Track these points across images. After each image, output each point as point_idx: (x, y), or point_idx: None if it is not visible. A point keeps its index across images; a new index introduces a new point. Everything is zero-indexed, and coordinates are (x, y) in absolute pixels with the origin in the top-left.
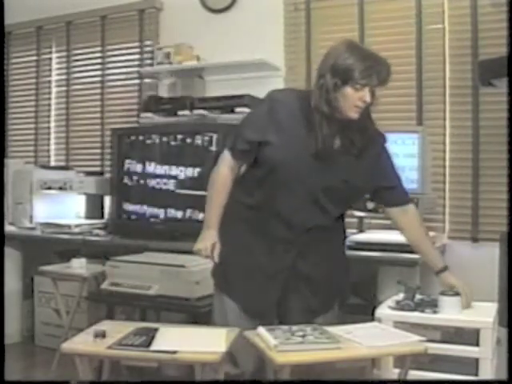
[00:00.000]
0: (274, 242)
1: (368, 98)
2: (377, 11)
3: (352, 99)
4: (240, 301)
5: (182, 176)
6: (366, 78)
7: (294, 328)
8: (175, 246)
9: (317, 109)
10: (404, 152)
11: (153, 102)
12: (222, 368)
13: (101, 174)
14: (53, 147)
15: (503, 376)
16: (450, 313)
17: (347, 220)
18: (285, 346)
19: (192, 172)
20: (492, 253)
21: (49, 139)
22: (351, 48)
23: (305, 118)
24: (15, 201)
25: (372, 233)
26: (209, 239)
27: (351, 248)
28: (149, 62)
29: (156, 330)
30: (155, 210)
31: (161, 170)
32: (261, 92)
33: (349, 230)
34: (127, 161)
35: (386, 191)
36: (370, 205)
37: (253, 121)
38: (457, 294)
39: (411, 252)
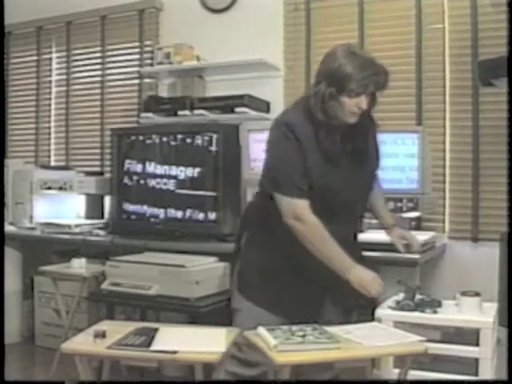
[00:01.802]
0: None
1: (364, 105)
2: (377, 11)
3: (348, 107)
4: (283, 314)
5: (181, 176)
6: (363, 88)
7: (294, 328)
8: (175, 246)
9: (316, 116)
10: (404, 152)
11: (153, 102)
12: (222, 368)
13: (101, 173)
14: (53, 147)
15: (503, 376)
16: (469, 313)
17: None
18: (285, 346)
19: (192, 172)
20: (492, 253)
21: (49, 139)
22: (349, 55)
23: (316, 133)
24: (15, 201)
25: (372, 233)
26: (373, 276)
27: None
28: (149, 61)
29: (156, 330)
30: (155, 210)
31: (161, 169)
32: (261, 92)
33: None
34: (127, 161)
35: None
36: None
37: (290, 161)
38: (477, 294)
39: (411, 252)
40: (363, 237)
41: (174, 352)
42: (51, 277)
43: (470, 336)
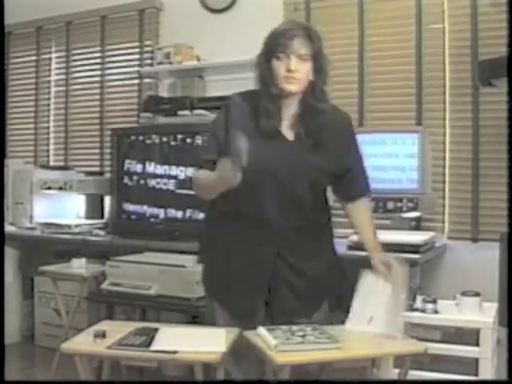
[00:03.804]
0: (257, 245)
1: (293, 66)
2: (377, 11)
3: (279, 70)
4: (228, 306)
5: (182, 176)
6: (283, 46)
7: (294, 328)
8: (175, 246)
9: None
10: (404, 152)
11: (153, 102)
12: (222, 368)
13: (101, 173)
14: (52, 147)
15: (503, 376)
16: (469, 313)
17: (347, 220)
18: (285, 346)
19: (192, 172)
20: (492, 253)
21: (48, 139)
22: (278, 25)
23: (255, 111)
24: (15, 201)
25: None
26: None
27: (351, 248)
28: (149, 61)
29: (156, 330)
30: (155, 210)
31: (161, 169)
32: None
33: (349, 230)
34: (127, 161)
35: (348, 176)
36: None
37: (213, 135)
38: (477, 294)
39: (411, 252)
40: None
41: (174, 352)
42: (51, 277)
43: (469, 336)
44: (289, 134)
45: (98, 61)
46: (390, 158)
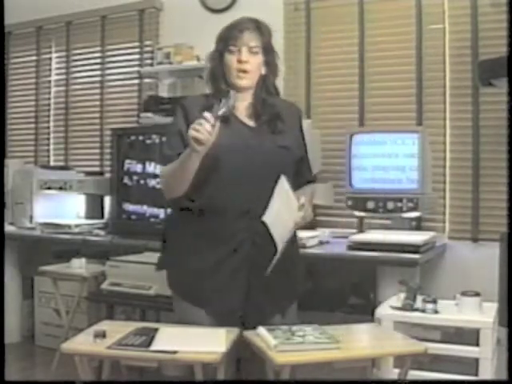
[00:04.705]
0: (224, 240)
1: (244, 57)
2: (377, 11)
3: (230, 63)
4: (203, 305)
5: None
6: (234, 39)
7: (294, 328)
8: None
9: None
10: (404, 152)
11: (153, 101)
12: (222, 368)
13: (101, 173)
14: (52, 147)
15: (503, 376)
16: (469, 313)
17: (347, 220)
18: (285, 346)
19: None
20: (492, 253)
21: (48, 139)
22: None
23: (208, 105)
24: (15, 201)
25: (372, 233)
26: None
27: (351, 248)
28: (149, 61)
29: (156, 330)
30: (155, 210)
31: None
32: None
33: (349, 230)
34: (127, 161)
35: (300, 164)
36: (370, 204)
37: (174, 133)
38: (477, 294)
39: (411, 252)
40: (363, 237)
41: (174, 352)
42: (51, 277)
43: (469, 336)
44: (248, 122)
45: (98, 61)
46: (390, 157)
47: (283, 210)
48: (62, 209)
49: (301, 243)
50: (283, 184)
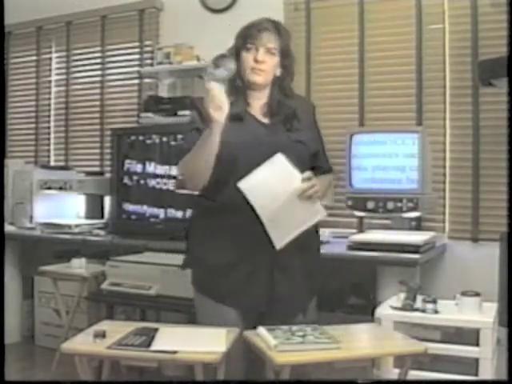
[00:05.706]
0: (246, 237)
1: (260, 57)
2: (377, 11)
3: (247, 61)
4: (228, 302)
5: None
6: (252, 37)
7: (294, 328)
8: (175, 245)
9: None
10: (404, 152)
11: (153, 102)
12: (222, 368)
13: (101, 174)
14: (52, 147)
15: (503, 376)
16: (469, 313)
17: (347, 220)
18: (285, 346)
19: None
20: (492, 253)
21: (49, 139)
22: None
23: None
24: (15, 201)
25: (372, 233)
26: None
27: (351, 248)
28: (149, 61)
29: (156, 330)
30: (155, 210)
31: (161, 170)
32: None
33: (349, 230)
34: (127, 161)
35: (320, 157)
36: (370, 204)
37: (193, 130)
38: (477, 294)
39: (411, 252)
40: (363, 237)
41: (174, 352)
42: (51, 277)
43: (469, 336)
44: (263, 119)
45: (98, 61)
46: (390, 157)
47: (275, 182)
48: (62, 209)
49: None
50: (278, 159)
